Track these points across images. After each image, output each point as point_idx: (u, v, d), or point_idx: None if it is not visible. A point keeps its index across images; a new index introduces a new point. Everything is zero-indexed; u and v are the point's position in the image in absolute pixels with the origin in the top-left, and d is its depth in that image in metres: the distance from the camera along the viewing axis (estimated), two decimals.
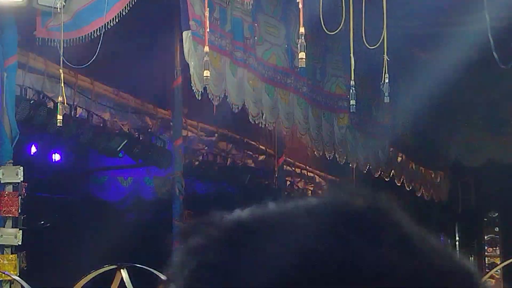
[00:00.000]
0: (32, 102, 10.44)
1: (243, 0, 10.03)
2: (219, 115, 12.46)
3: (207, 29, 9.46)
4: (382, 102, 10.47)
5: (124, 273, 8.19)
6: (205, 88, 9.70)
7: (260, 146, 15.29)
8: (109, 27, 9.45)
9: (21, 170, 9.25)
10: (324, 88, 13.05)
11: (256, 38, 11.13)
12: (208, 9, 9.54)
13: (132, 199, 14.89)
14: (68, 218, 14.22)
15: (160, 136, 13.07)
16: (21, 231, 9.19)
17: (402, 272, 0.75)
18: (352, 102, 10.25)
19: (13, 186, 9.25)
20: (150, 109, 13.02)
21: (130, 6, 9.46)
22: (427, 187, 18.56)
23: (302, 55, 9.08)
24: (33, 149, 13.21)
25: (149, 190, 14.55)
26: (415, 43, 14.04)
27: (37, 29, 9.74)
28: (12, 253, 9.20)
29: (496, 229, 21.20)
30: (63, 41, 9.43)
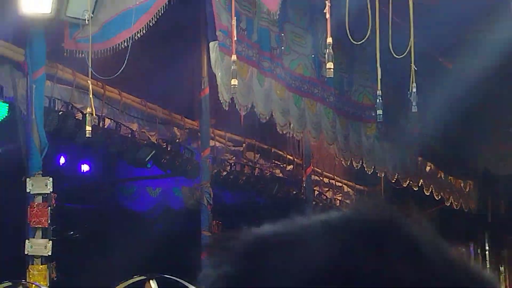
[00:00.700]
0: (60, 113, 10.48)
1: (269, 10, 10.02)
2: (246, 125, 12.48)
3: (234, 37, 9.47)
4: (410, 111, 10.41)
5: (153, 284, 8.21)
6: (232, 99, 9.71)
7: (288, 156, 15.27)
8: (136, 38, 9.50)
9: (50, 181, 9.33)
10: (351, 98, 13.02)
11: (283, 48, 11.12)
12: (235, 18, 9.56)
13: (160, 209, 14.91)
14: (97, 229, 14.29)
15: (188, 146, 13.08)
16: (50, 241, 9.24)
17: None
18: (379, 111, 10.21)
19: (42, 197, 9.32)
20: (178, 119, 13.04)
21: (157, 18, 9.51)
22: (456, 196, 18.45)
23: (330, 65, 9.06)
24: (62, 160, 13.28)
25: (177, 200, 14.56)
26: (443, 52, 13.97)
27: (65, 41, 9.81)
28: (42, 264, 9.25)
29: None
30: (91, 52, 9.49)
